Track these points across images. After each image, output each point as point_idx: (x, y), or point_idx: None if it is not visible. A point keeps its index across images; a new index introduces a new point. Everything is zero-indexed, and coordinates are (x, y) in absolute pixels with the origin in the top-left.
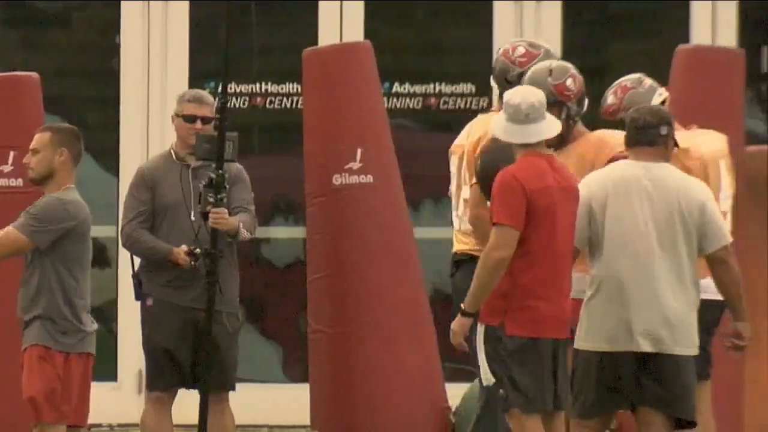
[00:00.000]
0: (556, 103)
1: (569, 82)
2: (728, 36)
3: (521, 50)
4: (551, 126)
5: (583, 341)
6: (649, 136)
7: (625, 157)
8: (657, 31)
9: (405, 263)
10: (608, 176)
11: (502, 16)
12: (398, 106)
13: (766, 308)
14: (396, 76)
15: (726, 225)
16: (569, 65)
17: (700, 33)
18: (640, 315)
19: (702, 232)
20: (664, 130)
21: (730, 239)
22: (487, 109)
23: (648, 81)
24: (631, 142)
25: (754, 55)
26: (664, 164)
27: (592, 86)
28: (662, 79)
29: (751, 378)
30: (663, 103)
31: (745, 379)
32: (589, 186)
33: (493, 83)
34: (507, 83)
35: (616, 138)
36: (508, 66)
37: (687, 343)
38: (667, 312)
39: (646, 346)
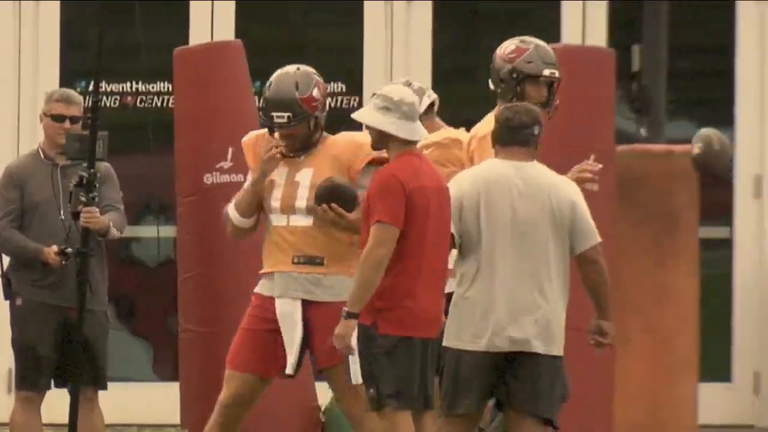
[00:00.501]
0: (304, 116)
1: (315, 92)
2: (598, 36)
3: (512, 47)
4: (424, 130)
5: (452, 339)
6: (523, 137)
7: (386, 160)
8: (528, 30)
9: None
10: (479, 175)
11: (372, 15)
12: None
13: (636, 308)
14: (267, 76)
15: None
16: (312, 71)
17: (570, 33)
18: (509, 314)
19: (573, 230)
20: (536, 130)
21: (599, 238)
22: (359, 107)
23: (416, 83)
24: (503, 142)
25: (624, 55)
26: (534, 163)
27: (463, 86)
28: None
29: (621, 377)
30: (432, 105)
31: (616, 378)
32: (460, 185)
33: (491, 84)
34: (501, 81)
35: (367, 138)
36: (501, 64)
37: (553, 343)
38: (536, 312)
39: (514, 346)
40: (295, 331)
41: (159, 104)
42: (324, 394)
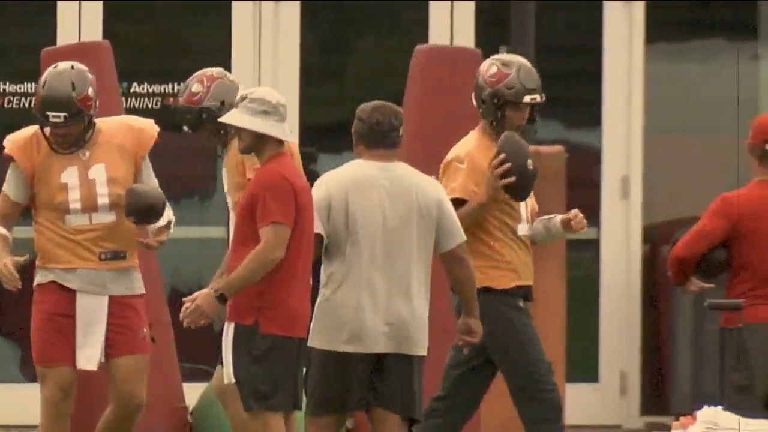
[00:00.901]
0: (80, 115)
1: (90, 91)
2: (466, 36)
3: (493, 69)
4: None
5: (317, 340)
6: (391, 139)
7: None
8: (396, 30)
9: (142, 262)
10: (345, 176)
11: (240, 15)
12: (137, 105)
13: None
14: (135, 76)
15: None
16: (85, 69)
17: (438, 33)
18: (378, 315)
19: (439, 229)
20: (401, 131)
21: (465, 236)
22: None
23: (230, 75)
24: (370, 144)
25: (492, 55)
26: (400, 163)
27: (331, 86)
28: (402, 79)
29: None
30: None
31: None
32: (327, 185)
33: (473, 99)
34: (482, 102)
35: (139, 120)
36: (482, 84)
37: (420, 343)
38: (402, 311)
39: (379, 346)
40: (99, 326)
41: (27, 105)
42: (193, 394)
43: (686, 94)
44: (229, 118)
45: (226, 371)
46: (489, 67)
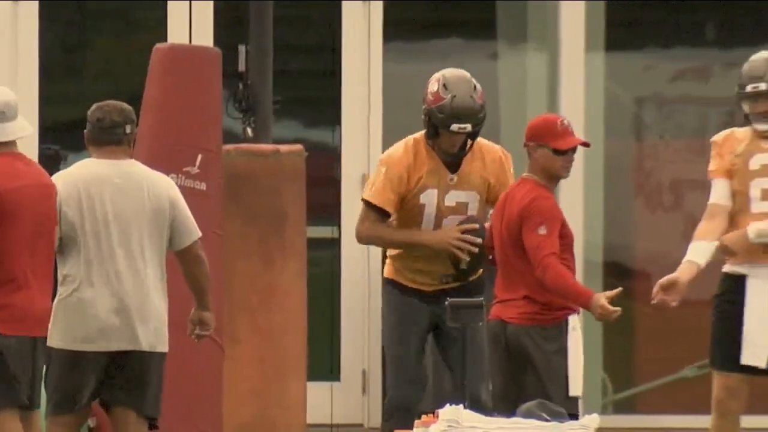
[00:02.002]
0: None
1: None
2: (205, 35)
3: (434, 87)
4: (24, 125)
5: (55, 339)
6: (116, 136)
7: None
8: (135, 29)
9: None
10: (77, 174)
11: None
12: None
13: (244, 307)
14: None
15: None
16: None
17: (176, 32)
18: (111, 312)
19: (174, 226)
20: (128, 129)
21: (200, 233)
22: None
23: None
24: (97, 142)
25: (231, 55)
26: (131, 161)
27: (69, 85)
28: (141, 78)
29: (230, 377)
30: None
31: (226, 378)
32: (57, 184)
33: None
34: (423, 114)
35: None
36: (424, 97)
37: (158, 340)
38: (139, 308)
39: (115, 344)
40: None
41: None
42: None
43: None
44: None
45: None
46: (433, 83)
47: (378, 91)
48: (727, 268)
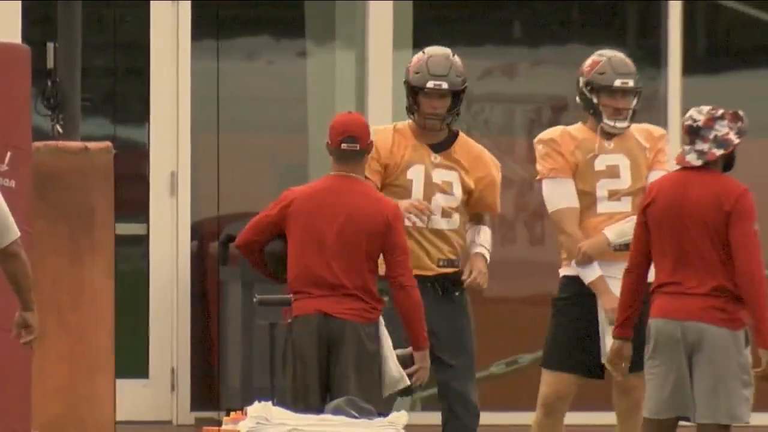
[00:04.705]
0: None
1: None
2: (12, 32)
3: (414, 59)
4: None
5: None
6: None
7: None
8: None
9: None
10: None
11: None
12: None
13: (53, 305)
14: None
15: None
16: None
17: None
18: None
19: None
20: None
21: (18, 232)
22: None
23: None
24: None
25: (39, 52)
26: None
27: None
28: None
29: (39, 374)
30: None
31: (34, 375)
32: None
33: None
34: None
35: None
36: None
37: None
38: None
39: None
40: None
41: None
42: None
43: (234, 91)
44: None
45: None
46: (415, 56)
47: (186, 88)
48: (569, 271)
